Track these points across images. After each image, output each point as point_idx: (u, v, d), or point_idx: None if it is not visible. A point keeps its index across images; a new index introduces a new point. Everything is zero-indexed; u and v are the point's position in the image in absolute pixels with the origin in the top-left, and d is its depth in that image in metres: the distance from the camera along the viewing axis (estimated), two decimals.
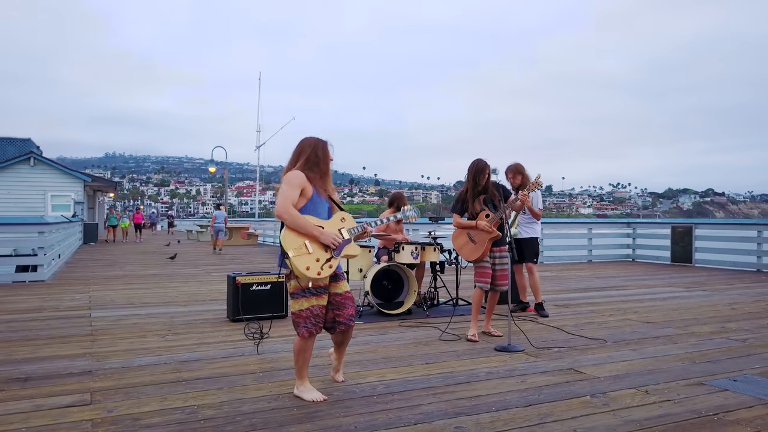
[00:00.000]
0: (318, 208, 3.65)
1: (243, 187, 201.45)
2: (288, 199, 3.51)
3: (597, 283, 10.01)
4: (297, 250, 3.48)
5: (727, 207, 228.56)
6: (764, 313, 6.83)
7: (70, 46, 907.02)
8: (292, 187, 3.54)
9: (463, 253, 5.60)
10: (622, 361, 4.59)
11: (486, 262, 5.50)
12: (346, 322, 3.69)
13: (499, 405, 3.52)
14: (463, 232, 5.61)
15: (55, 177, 26.12)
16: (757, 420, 3.28)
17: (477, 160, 5.59)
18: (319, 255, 3.54)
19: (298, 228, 3.51)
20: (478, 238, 5.49)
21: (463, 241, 5.59)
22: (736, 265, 12.65)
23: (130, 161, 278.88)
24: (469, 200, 5.56)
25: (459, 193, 5.74)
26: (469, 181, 5.59)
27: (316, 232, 3.52)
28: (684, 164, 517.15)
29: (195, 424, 3.21)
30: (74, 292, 8.81)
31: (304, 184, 3.58)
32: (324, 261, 3.55)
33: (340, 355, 4.00)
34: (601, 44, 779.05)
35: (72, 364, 4.48)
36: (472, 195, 5.56)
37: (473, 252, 5.50)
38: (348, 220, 3.76)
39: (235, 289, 6.24)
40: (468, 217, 5.60)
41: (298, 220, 3.50)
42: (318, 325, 3.60)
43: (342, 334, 3.78)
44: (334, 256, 3.59)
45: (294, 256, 3.46)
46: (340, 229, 3.69)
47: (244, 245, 23.62)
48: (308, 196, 3.61)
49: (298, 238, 3.51)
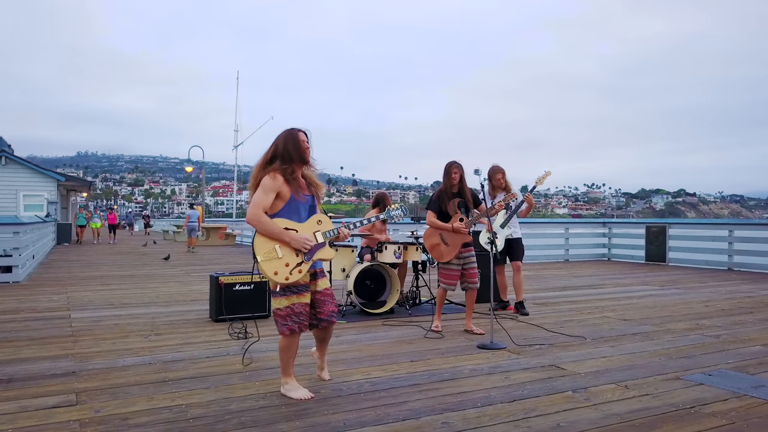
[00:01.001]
0: (297, 209, 3.65)
1: (219, 186, 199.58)
2: (259, 206, 3.53)
3: (575, 281, 10.19)
4: (266, 254, 3.53)
5: (698, 207, 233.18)
6: (736, 310, 7.04)
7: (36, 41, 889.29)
8: (265, 193, 3.54)
9: (434, 253, 5.73)
10: (602, 357, 4.70)
11: (454, 264, 5.64)
12: (327, 318, 3.73)
13: (484, 401, 3.59)
14: (435, 233, 5.72)
15: (28, 176, 25.63)
16: (731, 412, 3.40)
17: (448, 162, 5.74)
18: (290, 259, 3.56)
19: (269, 234, 3.54)
20: (450, 241, 5.62)
21: (436, 241, 5.70)
22: (708, 264, 12.97)
23: (103, 160, 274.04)
24: (445, 200, 5.67)
25: (436, 192, 5.85)
26: (443, 181, 5.74)
27: (286, 238, 3.55)
28: (656, 165, 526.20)
29: (184, 422, 3.23)
30: (51, 293, 8.69)
31: (279, 188, 3.56)
32: (294, 265, 3.56)
33: (322, 353, 4.03)
34: (577, 47, 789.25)
35: (55, 365, 4.44)
36: (447, 196, 5.68)
37: (445, 253, 5.64)
38: (325, 222, 3.74)
39: (218, 289, 6.23)
40: (440, 217, 5.71)
41: (267, 227, 3.53)
42: (302, 323, 3.62)
43: (323, 330, 3.83)
44: (305, 260, 3.60)
45: (262, 260, 3.51)
46: (315, 232, 3.68)
47: (222, 245, 23.45)
48: (286, 198, 3.60)
49: (269, 243, 3.55)
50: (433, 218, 5.73)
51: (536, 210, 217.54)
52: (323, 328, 3.79)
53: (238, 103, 43.15)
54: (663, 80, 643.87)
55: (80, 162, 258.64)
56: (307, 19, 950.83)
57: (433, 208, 5.76)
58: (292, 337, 3.63)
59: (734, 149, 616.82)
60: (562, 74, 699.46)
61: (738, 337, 5.45)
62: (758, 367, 4.40)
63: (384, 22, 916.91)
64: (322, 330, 3.82)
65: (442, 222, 5.67)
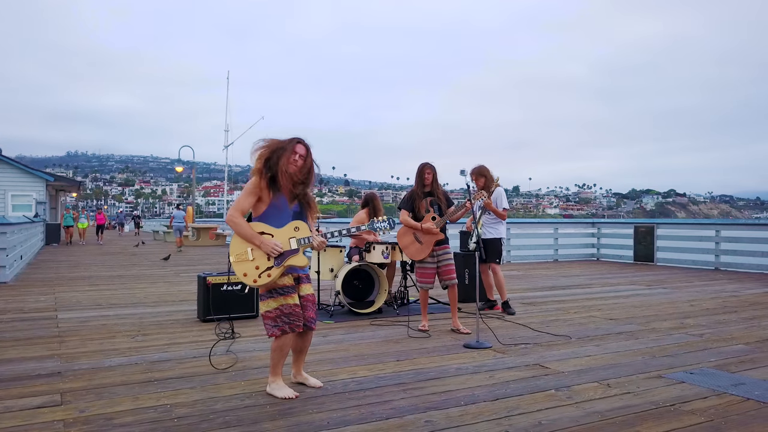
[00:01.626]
0: (280, 215, 3.69)
1: (210, 187, 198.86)
2: (237, 208, 3.65)
3: (562, 281, 10.26)
4: (238, 256, 3.63)
5: (688, 207, 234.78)
6: (721, 310, 7.12)
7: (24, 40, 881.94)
8: (245, 195, 3.66)
9: (408, 251, 5.89)
10: (586, 356, 4.75)
11: (429, 263, 5.79)
12: (308, 324, 3.74)
13: (468, 399, 3.63)
14: (409, 232, 5.88)
15: (16, 176, 25.46)
16: (710, 410, 3.45)
17: (421, 163, 5.89)
18: (260, 263, 3.61)
19: (242, 236, 3.64)
20: (424, 239, 5.78)
21: (409, 240, 5.86)
22: (695, 263, 13.09)
23: (93, 160, 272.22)
24: (417, 200, 5.82)
25: (408, 192, 6.02)
26: (415, 181, 5.90)
27: (256, 241, 3.61)
28: (647, 166, 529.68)
29: (169, 422, 3.24)
30: (38, 293, 8.65)
31: (260, 192, 3.66)
32: (264, 269, 3.61)
33: (299, 365, 3.94)
34: (567, 48, 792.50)
35: (40, 366, 4.44)
36: (419, 196, 5.83)
37: (419, 252, 5.80)
38: (302, 229, 3.73)
39: (206, 289, 6.23)
40: (412, 216, 5.84)
41: (241, 229, 3.63)
42: (293, 323, 3.62)
43: (302, 337, 3.80)
44: (275, 265, 3.62)
45: (234, 261, 3.62)
46: (290, 238, 3.70)
47: (213, 246, 23.39)
48: (268, 202, 3.67)
49: (243, 245, 3.64)
50: (406, 217, 5.86)
51: (527, 210, 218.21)
52: (301, 334, 3.78)
53: (228, 103, 42.93)
54: (653, 81, 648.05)
55: (70, 162, 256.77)
56: (295, 19, 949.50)
57: (405, 207, 5.91)
58: (284, 337, 3.64)
59: (724, 150, 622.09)
60: (552, 75, 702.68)
61: (721, 336, 5.52)
62: (739, 365, 4.46)
63: (373, 22, 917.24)
64: (300, 337, 3.79)
65: (414, 221, 5.80)
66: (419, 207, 5.81)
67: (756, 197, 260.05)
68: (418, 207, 5.81)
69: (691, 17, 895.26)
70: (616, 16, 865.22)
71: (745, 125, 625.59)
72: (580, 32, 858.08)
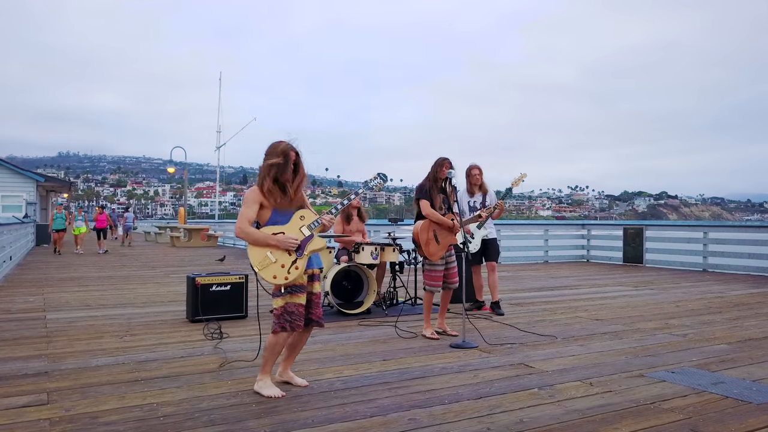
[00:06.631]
0: (284, 216, 3.76)
1: (203, 188, 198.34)
2: (243, 219, 3.69)
3: (551, 282, 10.33)
4: (261, 263, 3.65)
5: (680, 209, 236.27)
6: (705, 310, 7.20)
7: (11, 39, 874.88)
8: (248, 206, 3.72)
9: (425, 248, 5.44)
10: (570, 355, 4.81)
11: (438, 265, 5.54)
12: (317, 320, 3.86)
13: (451, 398, 3.67)
14: (431, 228, 5.47)
15: (6, 177, 25.35)
16: (689, 408, 3.51)
17: (441, 157, 5.57)
18: (284, 261, 3.67)
19: (256, 242, 3.67)
20: (442, 239, 5.48)
21: (429, 237, 5.44)
22: (683, 265, 13.20)
23: (84, 161, 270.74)
24: (433, 192, 5.52)
25: (426, 181, 5.60)
26: (430, 173, 5.58)
27: (272, 241, 3.65)
28: (639, 168, 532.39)
29: (154, 420, 3.26)
30: (27, 294, 8.63)
31: (260, 199, 3.72)
32: (290, 264, 3.67)
33: (288, 363, 4.00)
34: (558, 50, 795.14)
35: (27, 366, 4.45)
36: (434, 189, 5.54)
37: (436, 251, 5.46)
38: (307, 216, 3.82)
39: (195, 289, 6.25)
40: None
41: (253, 236, 3.67)
42: (294, 323, 3.69)
43: (303, 335, 3.90)
44: (298, 257, 3.70)
45: (259, 270, 3.64)
46: (301, 227, 3.77)
47: (204, 247, 23.34)
48: (269, 208, 3.74)
49: (261, 251, 3.67)
50: (433, 210, 5.44)
51: (520, 212, 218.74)
52: (306, 331, 3.88)
53: (220, 104, 42.82)
54: (645, 83, 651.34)
55: (61, 162, 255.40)
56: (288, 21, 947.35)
57: (427, 198, 5.48)
58: (280, 335, 3.70)
59: (715, 152, 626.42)
60: (543, 77, 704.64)
61: (704, 336, 5.59)
62: (720, 364, 4.53)
63: (365, 24, 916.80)
64: (301, 334, 3.87)
65: (443, 217, 5.44)
66: (434, 202, 5.49)
67: (747, 199, 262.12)
68: (433, 201, 5.49)
69: (682, 20, 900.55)
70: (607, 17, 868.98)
71: (737, 128, 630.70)
72: (572, 33, 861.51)
